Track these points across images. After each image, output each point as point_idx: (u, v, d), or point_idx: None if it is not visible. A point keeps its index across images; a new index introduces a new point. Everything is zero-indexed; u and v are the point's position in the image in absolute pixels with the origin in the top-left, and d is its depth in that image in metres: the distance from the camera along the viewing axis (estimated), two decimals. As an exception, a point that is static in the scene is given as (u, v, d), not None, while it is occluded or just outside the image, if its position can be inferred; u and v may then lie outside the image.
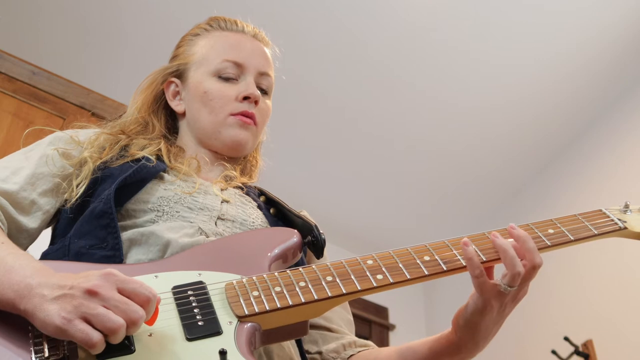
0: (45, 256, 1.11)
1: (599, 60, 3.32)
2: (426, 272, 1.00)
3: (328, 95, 3.59)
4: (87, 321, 0.82)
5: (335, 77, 3.50)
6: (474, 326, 1.02)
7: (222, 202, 1.21)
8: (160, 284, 0.96)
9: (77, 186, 1.15)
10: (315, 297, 0.95)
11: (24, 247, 1.12)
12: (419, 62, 3.40)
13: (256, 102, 1.32)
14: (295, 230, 1.15)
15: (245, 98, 1.31)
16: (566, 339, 3.11)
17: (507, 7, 3.14)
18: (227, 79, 1.33)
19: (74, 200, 1.14)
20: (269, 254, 1.07)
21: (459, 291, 1.02)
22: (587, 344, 3.09)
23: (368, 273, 0.99)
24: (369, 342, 1.24)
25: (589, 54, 3.30)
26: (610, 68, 3.36)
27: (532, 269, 1.00)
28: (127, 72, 3.38)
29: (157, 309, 0.88)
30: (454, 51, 3.34)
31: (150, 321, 0.87)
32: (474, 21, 3.20)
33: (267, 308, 0.93)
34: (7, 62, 2.70)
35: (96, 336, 0.81)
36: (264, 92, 1.38)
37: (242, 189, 1.30)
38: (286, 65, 3.36)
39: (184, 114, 1.37)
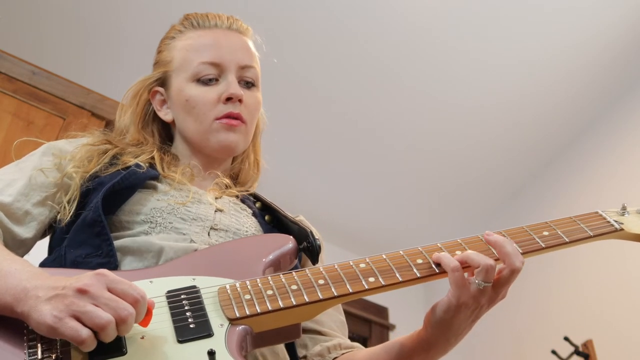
0: (42, 266, 1.12)
1: (598, 60, 3.32)
2: (418, 275, 1.00)
3: (329, 96, 3.59)
4: (78, 319, 0.83)
5: (336, 77, 3.50)
6: (446, 324, 1.02)
7: (215, 211, 1.20)
8: (155, 288, 0.97)
9: (68, 203, 1.16)
10: (307, 300, 0.96)
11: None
12: (419, 62, 3.40)
13: (240, 101, 1.28)
14: (291, 237, 1.15)
15: (228, 99, 1.27)
16: (566, 339, 3.11)
17: (507, 7, 3.13)
18: (207, 82, 1.28)
19: (68, 218, 1.14)
20: (263, 260, 1.07)
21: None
22: (587, 344, 3.09)
23: (360, 276, 1.00)
24: (356, 344, 1.23)
25: (588, 54, 3.30)
26: (610, 68, 3.36)
27: (511, 273, 0.99)
28: (127, 72, 3.36)
29: (150, 311, 0.89)
30: (454, 51, 3.34)
31: (145, 322, 0.89)
32: (474, 21, 3.20)
33: (258, 310, 0.94)
34: (7, 62, 2.70)
35: (85, 333, 0.82)
36: (250, 84, 1.32)
37: (237, 195, 1.30)
38: (287, 66, 3.38)
39: (174, 122, 1.34)
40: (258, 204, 1.33)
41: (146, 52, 1.40)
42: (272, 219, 1.29)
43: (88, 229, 1.09)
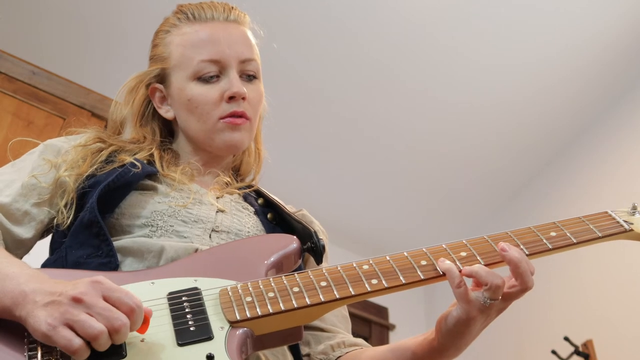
0: (43, 267, 1.12)
1: (599, 60, 3.31)
2: (422, 277, 0.99)
3: (329, 96, 3.59)
4: (71, 327, 0.83)
5: (337, 79, 3.49)
6: (457, 335, 1.01)
7: (217, 212, 1.19)
8: (156, 290, 0.97)
9: (65, 207, 1.14)
10: (308, 302, 0.95)
11: (19, 258, 1.12)
12: (420, 62, 3.40)
13: (243, 98, 1.25)
14: (295, 237, 1.13)
15: (231, 97, 1.24)
16: (566, 339, 3.11)
17: (507, 8, 3.13)
18: (208, 80, 1.25)
19: (67, 222, 1.13)
20: (265, 261, 1.06)
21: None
22: (587, 344, 3.09)
23: (363, 278, 0.98)
24: (359, 341, 1.22)
25: (589, 54, 3.28)
26: (610, 68, 3.35)
27: (522, 291, 0.98)
28: (127, 72, 3.35)
29: (147, 320, 0.88)
30: (454, 51, 3.33)
31: (142, 330, 0.88)
32: (474, 21, 3.20)
33: (259, 313, 0.93)
34: (7, 62, 2.71)
35: (77, 342, 0.82)
36: (252, 77, 1.29)
37: (239, 192, 1.28)
38: (288, 68, 3.36)
39: (175, 119, 1.31)
40: (260, 201, 1.31)
41: (146, 52, 1.40)
42: (274, 216, 1.27)
43: (86, 230, 1.09)
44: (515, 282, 0.99)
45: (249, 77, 1.29)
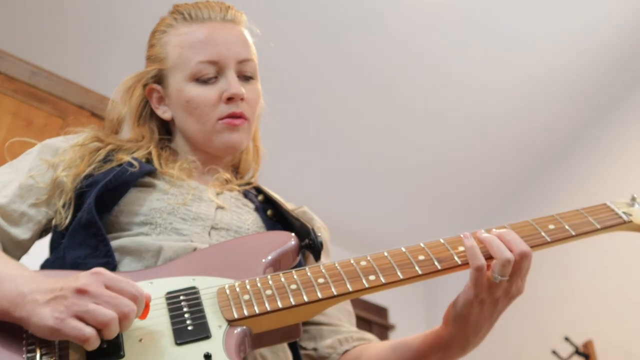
0: (43, 268, 1.12)
1: (601, 57, 3.32)
2: (420, 272, 0.99)
3: (328, 95, 3.59)
4: (80, 318, 0.84)
5: (336, 79, 3.50)
6: (463, 319, 1.01)
7: (216, 208, 1.19)
8: (155, 290, 0.96)
9: (62, 207, 1.14)
10: (306, 300, 0.95)
11: (17, 259, 1.12)
12: (420, 64, 3.40)
13: (242, 99, 1.24)
14: (292, 234, 1.13)
15: (230, 98, 1.23)
16: (566, 339, 3.11)
17: (510, 12, 3.14)
18: (206, 81, 1.24)
19: (65, 222, 1.13)
20: (263, 259, 1.06)
21: (460, 291, 1.00)
22: (587, 345, 3.09)
23: (360, 274, 0.98)
24: (366, 335, 1.22)
25: (602, 43, 3.27)
26: (612, 65, 3.35)
27: (521, 258, 0.97)
28: (126, 72, 3.36)
29: (148, 305, 0.89)
30: (455, 54, 3.34)
31: (143, 316, 0.89)
32: (476, 27, 3.20)
33: (257, 311, 0.93)
34: (7, 62, 2.71)
35: (89, 331, 0.83)
36: (249, 77, 1.29)
37: (239, 189, 1.28)
38: (288, 67, 3.36)
39: (173, 120, 1.31)
40: (260, 197, 1.30)
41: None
42: (274, 213, 1.27)
43: (84, 231, 1.08)
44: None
45: (247, 77, 1.29)
